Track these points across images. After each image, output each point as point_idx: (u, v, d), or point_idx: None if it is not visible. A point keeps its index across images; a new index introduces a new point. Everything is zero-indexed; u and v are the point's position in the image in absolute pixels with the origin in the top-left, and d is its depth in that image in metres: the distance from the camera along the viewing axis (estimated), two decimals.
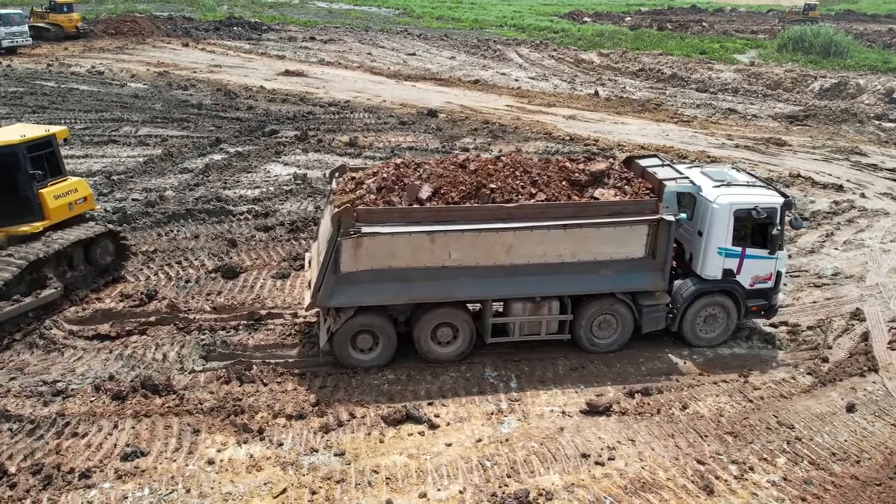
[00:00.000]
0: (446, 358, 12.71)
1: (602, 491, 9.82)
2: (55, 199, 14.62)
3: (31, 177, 14.11)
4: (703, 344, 13.63)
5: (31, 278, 13.82)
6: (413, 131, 28.99)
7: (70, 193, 15.02)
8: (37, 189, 14.29)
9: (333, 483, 9.77)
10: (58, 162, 14.96)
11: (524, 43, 58.70)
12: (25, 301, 13.38)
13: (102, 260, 15.42)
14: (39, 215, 14.44)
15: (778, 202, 13.03)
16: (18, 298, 13.30)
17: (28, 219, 14.34)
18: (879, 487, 10.09)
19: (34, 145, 14.23)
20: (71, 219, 15.15)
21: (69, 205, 14.98)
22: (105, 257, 15.47)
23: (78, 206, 15.22)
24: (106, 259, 15.50)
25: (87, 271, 15.18)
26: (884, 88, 39.35)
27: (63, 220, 14.88)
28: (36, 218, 14.42)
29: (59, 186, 14.80)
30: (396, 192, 12.18)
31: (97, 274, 15.38)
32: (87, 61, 41.37)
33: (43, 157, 14.46)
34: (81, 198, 15.33)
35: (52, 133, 14.78)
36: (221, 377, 12.03)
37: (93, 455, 10.10)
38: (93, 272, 15.30)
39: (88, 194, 15.59)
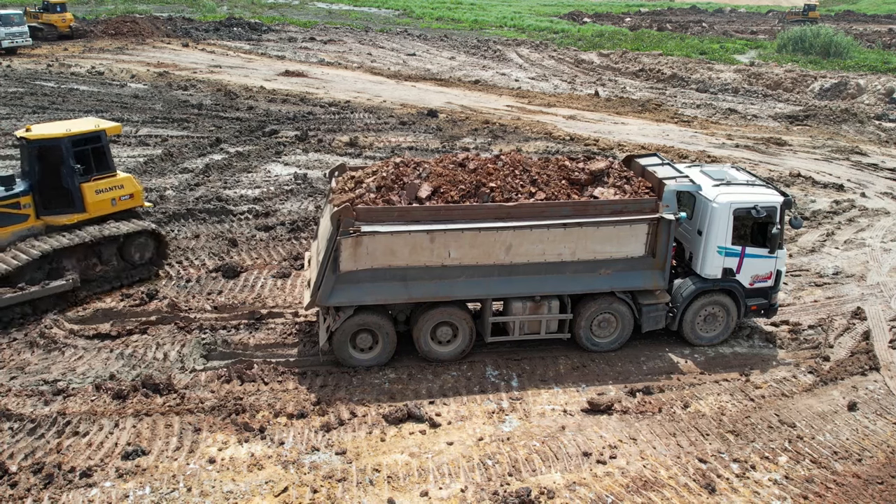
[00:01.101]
0: (446, 357, 12.71)
1: (604, 489, 9.81)
2: (96, 194, 14.99)
3: (72, 170, 14.45)
4: (703, 343, 13.63)
5: (49, 268, 14.18)
6: (413, 131, 29.01)
7: (114, 189, 15.29)
8: (78, 182, 14.69)
9: (335, 482, 9.77)
10: (105, 157, 15.19)
11: (524, 43, 58.73)
12: (31, 289, 13.57)
13: (139, 258, 15.58)
14: (80, 208, 14.86)
15: (777, 201, 13.02)
16: (23, 286, 13.55)
17: (68, 210, 14.81)
18: (881, 486, 10.08)
19: (80, 140, 14.63)
20: (117, 214, 15.41)
21: (112, 200, 15.23)
22: (142, 255, 15.62)
23: (122, 202, 15.47)
24: (143, 257, 15.65)
25: (121, 267, 15.36)
26: (884, 88, 39.37)
27: (105, 214, 15.17)
28: (76, 210, 14.87)
29: (102, 182, 15.09)
30: (396, 190, 12.18)
31: (131, 271, 15.53)
32: (86, 62, 41.39)
33: (89, 152, 14.79)
34: (127, 194, 15.58)
35: (101, 129, 15.05)
36: (222, 376, 12.03)
37: (94, 454, 10.10)
38: (127, 269, 15.46)
39: (136, 191, 15.78)
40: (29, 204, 14.57)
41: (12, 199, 14.34)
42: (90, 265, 14.89)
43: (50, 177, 14.65)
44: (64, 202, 14.82)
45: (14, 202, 14.37)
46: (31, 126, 15.07)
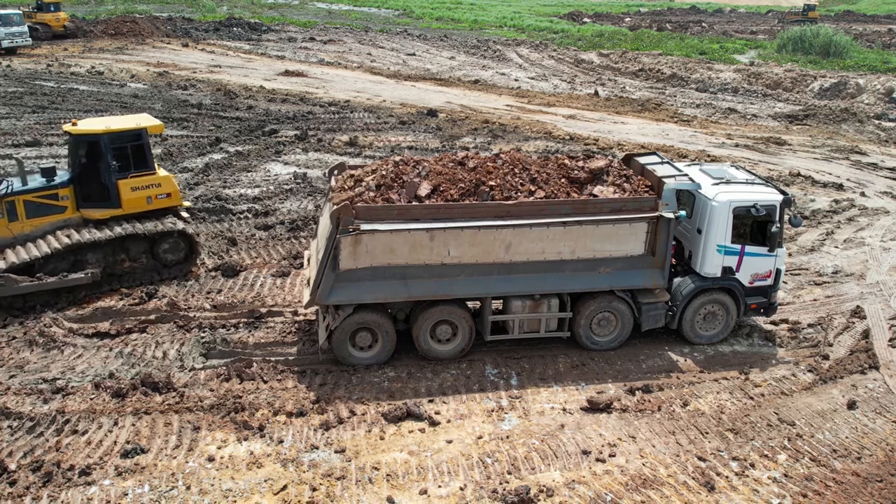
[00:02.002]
0: (445, 356, 12.71)
1: (603, 488, 9.81)
2: (131, 191, 15.17)
3: (109, 166, 14.71)
4: (702, 341, 13.63)
5: (74, 260, 14.50)
6: (413, 131, 29.01)
7: (151, 187, 15.42)
8: (115, 178, 14.90)
9: (334, 480, 9.77)
10: (145, 155, 15.32)
11: (524, 43, 58.74)
12: (49, 280, 13.85)
13: (169, 257, 15.68)
14: (115, 204, 15.09)
15: (777, 200, 13.02)
16: (41, 277, 13.88)
17: (105, 205, 15.08)
18: (880, 484, 10.09)
19: (119, 136, 14.87)
20: (155, 211, 15.58)
21: (147, 198, 15.37)
22: (172, 255, 15.71)
23: (158, 200, 15.59)
24: (172, 257, 15.74)
25: (150, 266, 15.51)
26: (883, 88, 39.37)
27: (140, 211, 15.35)
28: (112, 206, 15.09)
29: (139, 179, 15.25)
30: (395, 189, 12.18)
31: (161, 270, 15.67)
32: (86, 62, 41.39)
33: (128, 149, 14.98)
34: (164, 193, 15.68)
35: (141, 127, 15.20)
36: (222, 375, 12.03)
37: (93, 452, 10.10)
38: (157, 267, 15.59)
39: (173, 190, 15.86)
40: (67, 196, 14.91)
41: (51, 190, 14.74)
42: (118, 261, 15.11)
43: (90, 171, 14.97)
44: (101, 197, 15.10)
45: (53, 193, 14.75)
46: (76, 120, 15.49)
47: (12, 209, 14.43)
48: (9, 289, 13.60)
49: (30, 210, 14.58)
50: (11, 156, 16.25)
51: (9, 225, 14.44)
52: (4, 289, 13.56)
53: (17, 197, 14.45)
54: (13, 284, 13.60)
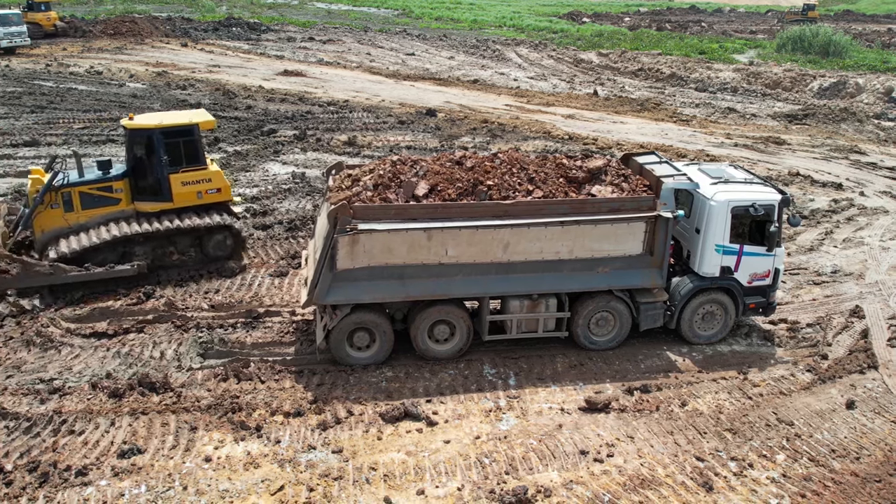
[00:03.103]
0: (443, 355, 12.68)
1: (601, 488, 9.78)
2: (182, 186, 15.39)
3: (161, 160, 14.96)
4: (701, 341, 13.60)
5: (123, 251, 14.95)
6: (412, 131, 28.98)
7: (201, 182, 15.59)
8: (166, 173, 15.15)
9: (331, 480, 9.74)
10: (197, 151, 15.53)
11: (523, 43, 58.72)
12: (95, 270, 14.29)
13: (216, 251, 15.89)
14: (167, 198, 15.34)
15: (776, 199, 12.99)
16: (89, 267, 14.30)
17: (157, 199, 15.36)
18: (879, 484, 10.06)
19: (171, 131, 15.13)
20: (205, 206, 15.76)
21: (198, 193, 15.57)
22: (219, 250, 15.92)
23: (208, 195, 15.78)
24: (219, 252, 15.95)
25: (199, 259, 15.76)
26: (883, 88, 39.35)
27: (190, 205, 15.58)
28: (163, 200, 15.35)
29: (190, 174, 15.43)
30: (393, 188, 12.15)
31: (209, 263, 15.89)
32: (85, 61, 41.36)
33: (180, 144, 15.23)
34: (214, 188, 15.84)
35: (194, 122, 15.40)
36: (219, 375, 12.00)
37: (89, 452, 10.07)
38: (205, 261, 15.83)
39: (223, 186, 16.00)
40: (122, 189, 15.22)
41: (106, 182, 15.10)
42: (166, 254, 15.47)
43: (143, 165, 15.30)
44: (153, 190, 15.37)
45: (107, 185, 15.11)
46: (133, 115, 15.72)
47: (68, 200, 14.84)
48: (58, 277, 14.04)
49: (85, 201, 14.98)
50: (70, 149, 16.63)
51: (65, 215, 14.88)
52: (54, 277, 14.01)
53: (73, 188, 14.86)
54: (62, 273, 14.02)
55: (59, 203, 14.76)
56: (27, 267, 13.96)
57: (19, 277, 13.91)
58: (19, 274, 13.91)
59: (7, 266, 13.93)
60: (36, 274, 13.97)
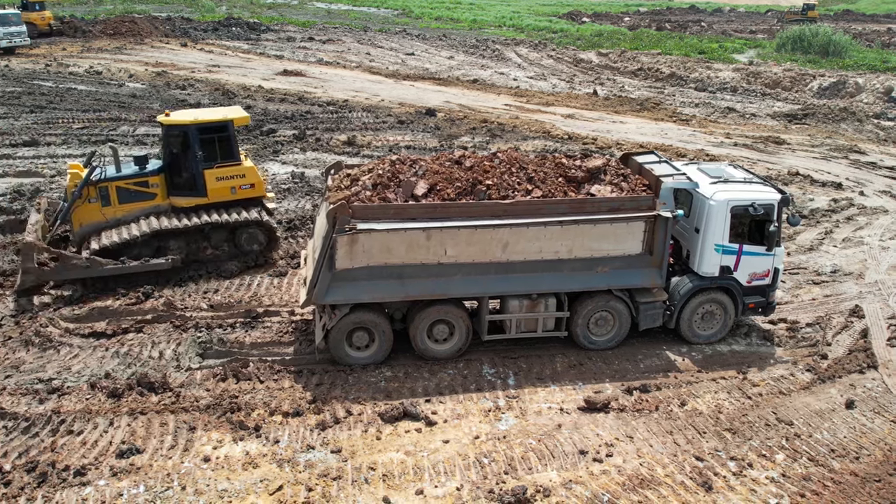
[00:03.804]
0: (442, 355, 12.67)
1: (600, 488, 9.77)
2: (216, 181, 15.63)
3: (196, 156, 15.20)
4: (700, 341, 13.59)
5: (158, 245, 15.22)
6: (411, 130, 28.97)
7: (235, 178, 15.78)
8: (201, 168, 15.39)
9: (330, 480, 9.73)
10: (231, 146, 15.72)
11: (523, 43, 58.69)
12: (131, 264, 14.59)
13: (248, 246, 16.07)
14: (201, 193, 15.61)
15: (775, 199, 12.98)
16: (124, 260, 14.58)
17: (192, 194, 15.65)
18: (878, 484, 10.05)
19: (206, 128, 15.39)
20: (240, 202, 15.91)
21: (232, 188, 15.76)
22: (251, 244, 16.10)
23: (242, 191, 15.97)
24: (252, 246, 16.12)
25: (232, 253, 15.94)
26: (882, 87, 39.33)
27: (225, 201, 15.78)
28: (197, 195, 15.63)
29: (224, 170, 15.64)
30: (392, 188, 12.14)
31: (242, 257, 16.09)
32: (85, 61, 41.35)
33: (215, 140, 15.46)
34: (248, 184, 16.04)
35: (228, 119, 15.60)
36: (218, 374, 11.99)
37: (88, 452, 10.06)
38: (238, 255, 16.01)
39: (257, 181, 16.15)
40: (158, 184, 15.52)
41: (142, 177, 15.42)
42: (201, 248, 15.72)
43: (179, 160, 15.54)
44: (188, 186, 15.63)
45: (143, 181, 15.43)
46: (169, 112, 15.97)
47: (106, 194, 15.16)
48: (94, 270, 14.32)
49: (122, 196, 15.28)
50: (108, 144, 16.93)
51: (102, 209, 15.20)
52: (90, 270, 14.28)
53: (111, 183, 15.15)
54: (98, 266, 14.29)
55: (96, 197, 15.10)
56: (64, 260, 14.25)
57: (57, 270, 14.21)
58: (57, 267, 14.21)
59: (45, 259, 14.27)
60: (73, 267, 14.25)
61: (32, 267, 14.03)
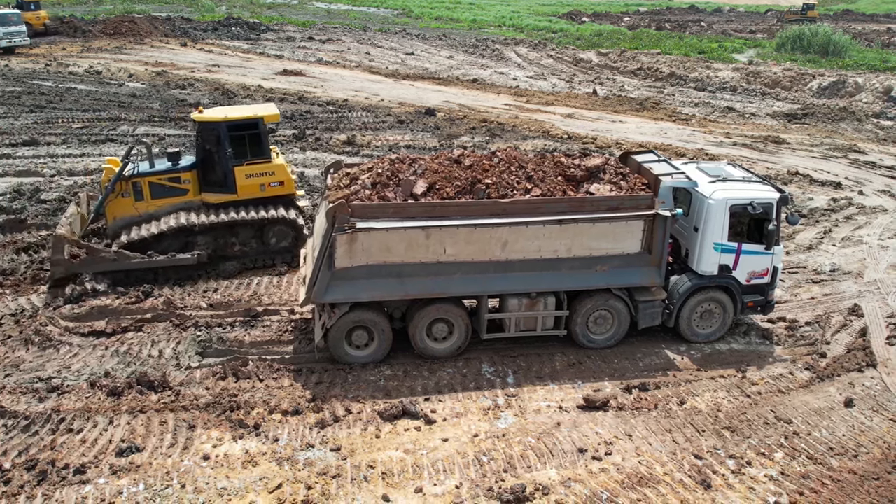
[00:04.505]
0: (442, 354, 12.68)
1: (599, 486, 9.78)
2: (246, 178, 15.76)
3: (226, 152, 15.34)
4: (699, 339, 13.60)
5: (186, 241, 15.43)
6: (411, 130, 28.98)
7: (264, 175, 15.89)
8: (231, 165, 15.53)
9: (329, 478, 9.74)
10: (261, 144, 15.82)
11: (523, 42, 58.69)
12: (157, 258, 14.83)
13: (276, 244, 16.19)
14: (231, 189, 15.74)
15: (774, 197, 12.99)
16: (152, 254, 14.85)
17: (222, 190, 15.78)
18: (877, 482, 10.06)
19: (237, 125, 15.51)
20: (272, 198, 16.05)
21: (261, 185, 15.86)
22: (279, 241, 16.23)
23: (271, 188, 16.06)
24: (280, 243, 16.24)
25: (260, 250, 16.08)
26: (882, 87, 39.33)
27: (254, 198, 15.91)
28: (228, 191, 15.76)
29: (254, 167, 15.74)
30: (391, 187, 12.15)
31: (270, 254, 16.25)
32: (85, 61, 41.35)
33: (245, 137, 15.60)
34: (277, 181, 16.11)
35: (258, 116, 15.70)
36: (217, 373, 12.01)
37: (88, 451, 10.07)
38: (266, 252, 16.17)
39: (286, 179, 16.23)
40: (189, 180, 15.70)
41: (174, 173, 15.63)
42: (228, 244, 15.86)
43: (210, 157, 15.69)
44: (219, 182, 15.76)
45: (175, 176, 15.62)
46: (202, 108, 16.28)
47: (138, 190, 15.40)
48: (122, 263, 14.58)
49: (155, 191, 15.51)
50: (140, 140, 17.29)
51: (135, 204, 15.45)
52: (118, 263, 14.54)
53: (143, 178, 15.40)
54: (125, 260, 14.57)
55: (129, 192, 15.33)
56: (93, 253, 14.48)
57: (87, 263, 14.42)
58: (86, 259, 14.43)
59: (77, 251, 14.45)
60: (101, 260, 14.48)
61: (62, 259, 14.21)
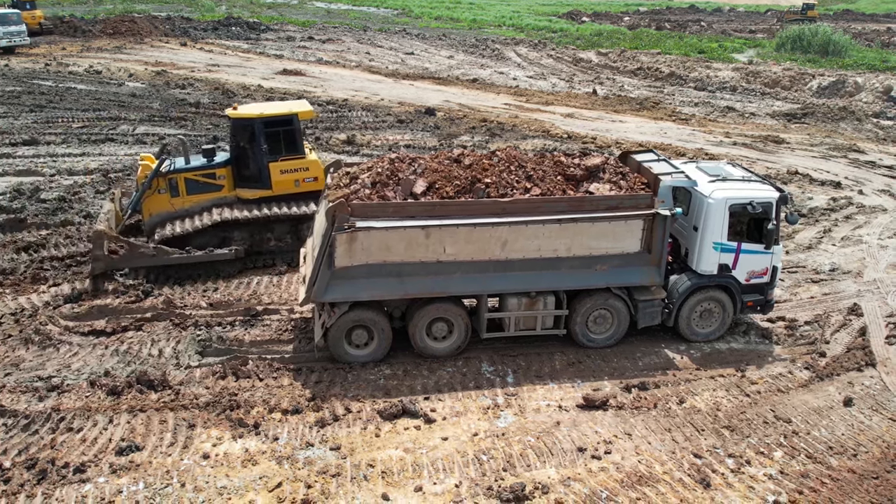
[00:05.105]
0: (441, 353, 12.69)
1: (598, 485, 9.79)
2: (280, 174, 15.91)
3: (261, 149, 15.54)
4: (699, 339, 13.61)
5: (223, 236, 15.66)
6: (411, 130, 28.99)
7: (298, 171, 16.02)
8: (266, 161, 15.70)
9: (329, 477, 9.75)
10: (296, 140, 16.01)
11: (522, 42, 58.70)
12: (196, 254, 15.04)
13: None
14: (266, 185, 15.90)
15: (773, 197, 12.99)
16: (189, 250, 15.05)
17: (257, 186, 15.95)
18: (876, 481, 10.07)
19: (272, 121, 15.72)
20: (306, 194, 16.12)
21: (296, 181, 15.99)
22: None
23: (306, 184, 16.23)
24: None
25: (293, 245, 16.16)
26: (882, 87, 39.34)
27: (289, 193, 16.04)
28: (262, 187, 15.91)
29: (288, 163, 15.90)
30: (391, 186, 12.16)
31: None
32: (84, 61, 41.35)
33: (280, 134, 15.78)
34: (311, 177, 16.20)
35: (293, 113, 15.86)
36: (217, 372, 12.01)
37: (87, 450, 10.08)
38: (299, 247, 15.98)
39: (320, 175, 16.21)
40: (224, 176, 15.88)
41: (209, 169, 15.84)
42: (264, 239, 16.10)
43: (245, 153, 15.89)
44: (254, 178, 15.93)
45: (211, 172, 15.83)
46: (237, 105, 16.52)
47: (174, 185, 15.60)
48: (160, 259, 14.82)
49: (190, 187, 15.69)
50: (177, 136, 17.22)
51: (171, 200, 15.65)
52: (156, 259, 14.78)
53: (179, 174, 15.58)
54: (164, 255, 14.78)
55: (165, 188, 15.52)
56: (132, 248, 14.66)
57: (126, 258, 14.63)
58: (125, 255, 14.61)
59: (115, 247, 14.63)
60: (140, 255, 14.71)
61: (102, 254, 14.38)
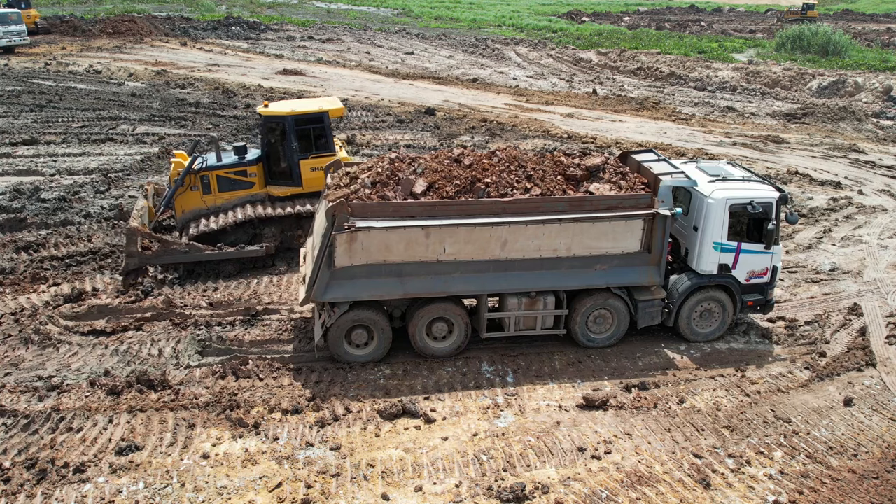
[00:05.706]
0: (441, 353, 12.69)
1: (598, 484, 9.79)
2: (311, 171, 16.03)
3: (292, 146, 15.73)
4: (699, 339, 13.61)
5: (254, 233, 15.92)
6: (411, 129, 28.98)
7: None
8: (297, 158, 15.92)
9: (329, 477, 9.75)
10: (326, 137, 16.21)
11: (522, 42, 58.69)
12: (227, 250, 15.22)
13: None
14: (297, 182, 16.12)
15: (773, 196, 12.99)
16: (221, 246, 15.26)
17: (288, 183, 16.18)
18: (876, 481, 10.07)
19: (302, 119, 15.88)
20: None
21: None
22: None
23: None
24: None
25: None
26: (881, 86, 39.32)
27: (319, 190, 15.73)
28: (293, 184, 16.15)
29: (319, 160, 15.95)
30: (391, 186, 12.15)
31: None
32: (84, 60, 41.36)
33: (310, 131, 15.99)
34: None
35: (324, 110, 15.98)
36: (217, 372, 12.01)
37: (87, 450, 10.08)
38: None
39: None
40: (255, 173, 16.11)
41: (241, 167, 16.04)
42: (294, 236, 16.21)
43: (276, 151, 16.12)
44: (285, 175, 16.17)
45: (242, 170, 16.04)
46: (267, 102, 16.54)
47: (206, 183, 15.79)
48: (193, 255, 14.97)
49: (222, 184, 15.92)
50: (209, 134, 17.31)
51: (203, 197, 15.86)
52: (189, 255, 14.94)
53: (211, 172, 15.79)
54: (196, 252, 14.95)
55: (198, 185, 15.71)
56: (166, 245, 14.82)
57: (159, 254, 14.78)
58: (159, 251, 14.76)
59: (149, 243, 14.80)
60: (173, 252, 14.86)
61: (135, 251, 14.51)
